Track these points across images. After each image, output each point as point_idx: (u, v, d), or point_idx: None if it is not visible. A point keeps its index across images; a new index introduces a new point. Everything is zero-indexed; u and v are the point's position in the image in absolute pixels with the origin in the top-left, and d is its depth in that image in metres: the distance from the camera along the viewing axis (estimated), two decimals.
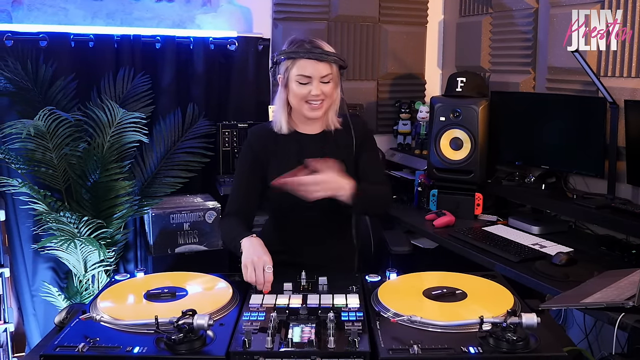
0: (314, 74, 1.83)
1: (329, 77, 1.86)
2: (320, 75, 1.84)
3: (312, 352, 1.17)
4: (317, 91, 1.84)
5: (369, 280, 1.55)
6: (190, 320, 1.22)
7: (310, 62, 1.83)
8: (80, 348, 1.21)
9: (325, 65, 1.84)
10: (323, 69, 1.84)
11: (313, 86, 1.84)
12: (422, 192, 3.10)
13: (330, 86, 1.87)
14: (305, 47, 1.84)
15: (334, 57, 1.87)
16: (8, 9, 2.92)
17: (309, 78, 1.84)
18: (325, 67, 1.84)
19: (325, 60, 1.84)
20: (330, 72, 1.85)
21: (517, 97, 2.95)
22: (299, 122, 1.97)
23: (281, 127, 1.95)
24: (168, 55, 3.06)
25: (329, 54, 1.86)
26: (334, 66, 1.87)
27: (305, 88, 1.84)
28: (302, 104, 1.87)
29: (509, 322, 1.18)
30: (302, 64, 1.84)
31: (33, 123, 2.54)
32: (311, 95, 1.84)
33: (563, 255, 2.19)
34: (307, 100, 1.86)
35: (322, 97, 1.86)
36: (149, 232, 2.92)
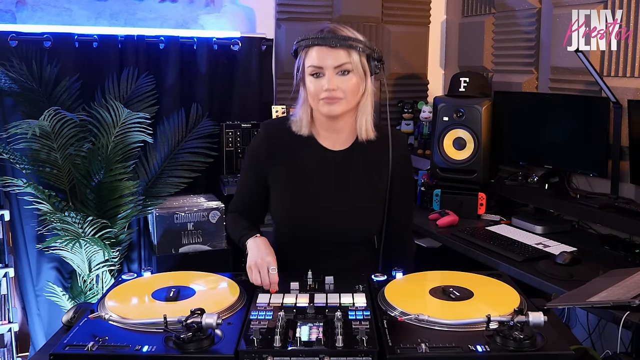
0: (325, 63, 1.54)
1: (348, 67, 1.55)
2: (333, 64, 1.54)
3: (321, 351, 1.17)
4: (330, 85, 1.55)
5: (375, 280, 1.56)
6: (198, 319, 1.22)
7: (320, 49, 1.55)
8: (89, 347, 1.21)
9: (340, 52, 1.54)
10: (337, 56, 1.54)
11: (326, 78, 1.55)
12: (426, 192, 3.11)
13: (350, 80, 1.56)
14: (317, 35, 1.56)
15: (352, 41, 1.55)
16: (12, 10, 2.93)
17: (320, 69, 1.56)
18: (340, 55, 1.54)
19: (338, 46, 1.54)
20: (348, 62, 1.55)
21: (520, 97, 2.96)
22: (322, 131, 1.69)
23: (301, 127, 1.68)
24: (172, 55, 3.07)
25: (345, 38, 1.54)
26: (355, 54, 1.55)
27: (319, 82, 1.57)
28: (316, 101, 1.60)
29: (516, 321, 1.18)
30: (312, 53, 1.57)
31: (38, 123, 2.55)
32: (324, 90, 1.56)
33: (567, 254, 2.19)
34: (321, 97, 1.58)
35: (340, 95, 1.57)
36: (153, 232, 2.93)
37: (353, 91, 1.59)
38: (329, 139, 1.70)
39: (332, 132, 1.69)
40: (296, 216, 1.71)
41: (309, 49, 1.58)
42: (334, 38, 1.54)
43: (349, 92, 1.58)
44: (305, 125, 1.68)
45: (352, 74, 1.57)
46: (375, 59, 1.61)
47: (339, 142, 1.71)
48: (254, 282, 1.52)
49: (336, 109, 1.59)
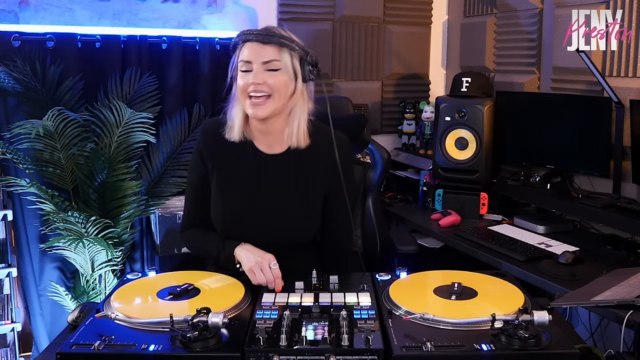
0: (254, 57, 1.54)
1: (276, 65, 1.54)
2: (262, 59, 1.53)
3: (326, 350, 1.18)
4: (257, 79, 1.53)
5: (379, 279, 1.56)
6: (205, 318, 1.23)
7: (253, 44, 1.54)
8: (96, 346, 1.22)
9: (270, 48, 1.54)
10: (267, 53, 1.54)
11: (254, 73, 1.54)
12: (427, 192, 3.11)
13: (279, 78, 1.55)
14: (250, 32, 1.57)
15: (283, 39, 1.54)
16: (15, 10, 2.94)
17: (249, 64, 1.54)
18: (270, 51, 1.54)
19: (269, 43, 1.53)
20: (277, 59, 1.54)
21: (522, 97, 2.97)
22: (256, 131, 1.67)
23: (233, 133, 1.64)
24: (174, 55, 3.07)
25: (276, 35, 1.54)
26: (286, 54, 1.55)
27: (247, 77, 1.55)
28: (244, 97, 1.57)
29: (520, 320, 1.19)
30: (244, 49, 1.56)
31: (42, 123, 2.56)
32: (251, 85, 1.54)
33: (569, 254, 2.20)
34: (249, 94, 1.56)
35: (267, 90, 1.55)
36: (156, 232, 2.94)
37: (280, 89, 1.57)
38: (264, 142, 1.69)
39: (266, 135, 1.68)
40: (229, 219, 1.70)
41: (242, 44, 1.58)
42: (267, 35, 1.54)
43: (276, 89, 1.56)
44: (238, 131, 1.65)
45: (280, 72, 1.56)
46: (309, 63, 1.59)
47: (274, 145, 1.69)
48: (259, 282, 1.53)
49: (260, 112, 1.57)
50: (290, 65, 1.57)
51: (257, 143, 1.70)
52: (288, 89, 1.59)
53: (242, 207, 1.69)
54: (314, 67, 1.60)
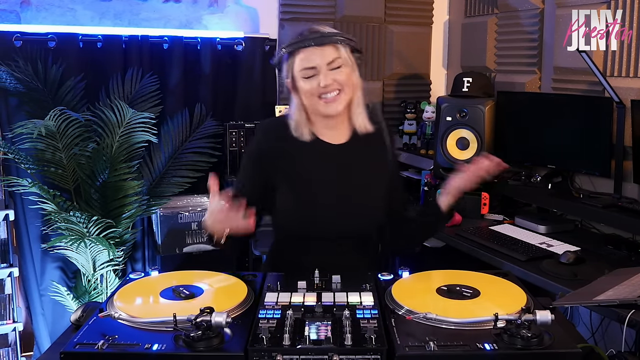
0: (318, 62, 1.57)
1: (339, 62, 1.58)
2: (325, 61, 1.57)
3: (330, 349, 1.18)
4: (327, 80, 1.57)
5: (381, 279, 1.56)
6: (208, 317, 1.23)
7: (310, 49, 1.57)
8: (99, 345, 1.21)
9: (329, 48, 1.57)
10: (328, 53, 1.57)
11: (321, 76, 1.57)
12: (429, 192, 3.11)
13: (343, 72, 1.59)
14: (301, 37, 1.59)
15: (338, 37, 1.59)
16: (17, 10, 2.94)
17: (314, 69, 1.58)
18: (330, 51, 1.57)
19: (326, 43, 1.57)
20: (338, 56, 1.58)
21: (523, 97, 2.97)
22: (321, 127, 1.70)
23: (302, 134, 1.68)
24: (175, 55, 3.08)
25: (331, 35, 1.58)
26: (342, 48, 1.59)
27: (313, 81, 1.58)
28: (314, 100, 1.60)
29: (523, 319, 1.19)
30: (302, 56, 1.58)
31: (44, 123, 2.57)
32: (321, 87, 1.57)
33: (570, 254, 2.20)
34: (319, 95, 1.59)
35: (337, 87, 1.59)
36: (157, 231, 2.94)
37: (347, 82, 1.61)
38: (328, 135, 1.71)
39: (331, 129, 1.70)
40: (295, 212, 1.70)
41: (295, 53, 1.60)
42: (320, 36, 1.57)
43: (345, 84, 1.60)
44: (306, 132, 1.68)
45: (343, 67, 1.60)
46: (357, 50, 1.64)
47: (337, 136, 1.71)
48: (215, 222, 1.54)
49: (337, 107, 1.61)
50: (348, 58, 1.61)
51: (321, 137, 1.71)
52: (353, 80, 1.63)
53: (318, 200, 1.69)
54: (360, 53, 1.66)
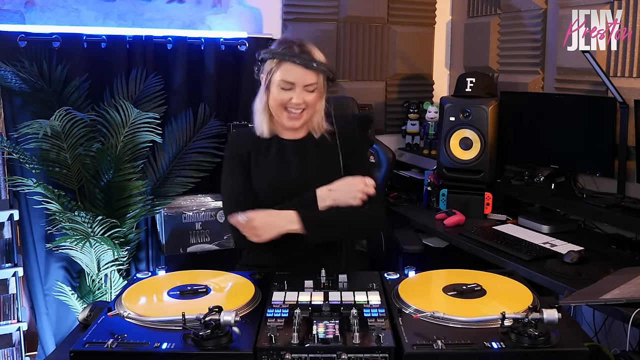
0: (297, 80, 1.71)
1: (314, 87, 1.74)
2: (304, 83, 1.72)
3: (338, 348, 1.19)
4: (298, 99, 1.72)
5: (387, 278, 1.58)
6: (217, 316, 1.24)
7: (295, 67, 1.71)
8: (109, 344, 1.23)
9: (311, 73, 1.72)
10: (309, 77, 1.72)
11: (295, 93, 1.72)
12: (432, 192, 3.12)
13: (313, 96, 1.76)
14: (294, 51, 1.71)
15: (323, 67, 1.74)
16: (21, 10, 2.95)
17: (292, 84, 1.72)
18: (311, 76, 1.72)
19: (312, 69, 1.72)
20: (316, 82, 1.74)
21: (526, 98, 2.98)
22: (281, 127, 1.85)
23: (263, 131, 1.84)
24: (179, 55, 3.08)
25: (318, 63, 1.72)
26: (321, 76, 1.75)
27: (287, 94, 1.73)
28: (281, 110, 1.76)
29: (530, 318, 1.20)
30: (286, 68, 1.71)
31: (49, 123, 2.57)
32: (291, 102, 1.73)
33: (574, 253, 2.21)
34: (286, 107, 1.75)
35: (303, 106, 1.75)
36: (161, 231, 2.95)
37: (314, 104, 1.78)
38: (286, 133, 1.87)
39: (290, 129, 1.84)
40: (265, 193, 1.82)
41: (283, 62, 1.72)
42: (312, 61, 1.72)
43: (311, 105, 1.77)
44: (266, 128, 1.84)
45: (316, 92, 1.76)
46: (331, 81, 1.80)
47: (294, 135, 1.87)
48: None
49: (296, 123, 1.78)
50: (322, 85, 1.78)
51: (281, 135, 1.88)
52: (318, 102, 1.81)
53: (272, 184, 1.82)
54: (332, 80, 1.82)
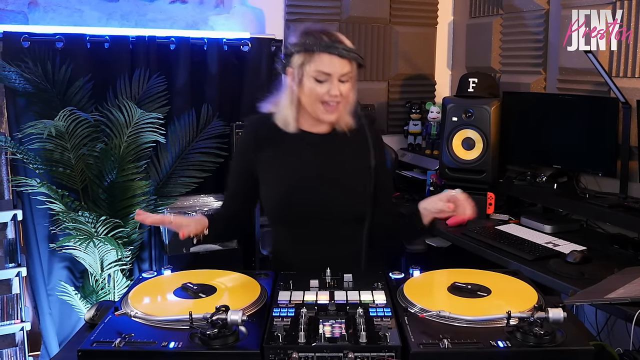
0: (334, 70, 1.65)
1: (348, 76, 1.68)
2: (341, 73, 1.66)
3: (345, 347, 1.19)
4: (336, 91, 1.66)
5: (392, 278, 1.58)
6: (224, 316, 1.24)
7: (330, 57, 1.64)
8: (116, 343, 1.23)
9: (346, 62, 1.66)
10: (344, 66, 1.66)
11: (332, 85, 1.66)
12: (434, 192, 3.13)
13: (348, 86, 1.69)
14: (325, 41, 1.65)
15: (356, 54, 1.68)
16: (24, 11, 2.96)
17: (328, 75, 1.66)
18: (346, 65, 1.66)
19: (347, 57, 1.66)
20: (350, 71, 1.68)
21: (529, 98, 2.98)
22: (306, 121, 1.79)
23: (288, 125, 1.76)
24: (182, 56, 3.10)
25: (352, 51, 1.67)
26: (354, 64, 1.69)
27: (323, 87, 1.67)
28: (316, 104, 1.69)
29: (535, 317, 1.20)
30: (321, 59, 1.65)
31: (54, 123, 2.58)
32: (329, 95, 1.67)
33: (577, 253, 2.21)
34: (323, 101, 1.68)
35: (340, 99, 1.69)
36: (164, 231, 2.96)
37: (349, 95, 1.72)
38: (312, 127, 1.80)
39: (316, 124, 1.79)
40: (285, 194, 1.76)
41: (316, 53, 1.66)
42: (345, 49, 1.65)
43: (346, 96, 1.71)
44: (293, 123, 1.75)
45: (350, 81, 1.70)
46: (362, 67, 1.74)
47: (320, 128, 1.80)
48: None
49: (334, 117, 1.72)
50: (355, 74, 1.71)
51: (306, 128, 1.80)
52: (351, 94, 1.74)
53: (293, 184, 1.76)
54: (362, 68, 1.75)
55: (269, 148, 1.78)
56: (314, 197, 1.75)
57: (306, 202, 1.75)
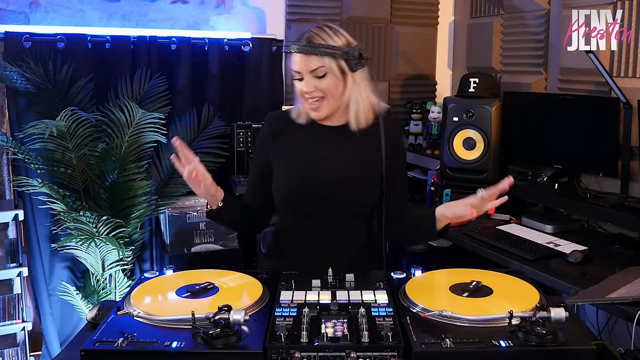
0: (300, 68, 1.67)
1: (322, 71, 1.66)
2: (308, 69, 1.66)
3: (347, 346, 1.19)
4: (308, 87, 1.67)
5: (394, 277, 1.58)
6: (226, 315, 1.24)
7: (295, 55, 1.67)
8: (119, 343, 1.23)
9: (313, 58, 1.65)
10: (311, 62, 1.65)
11: (304, 82, 1.68)
12: (435, 192, 3.13)
13: (327, 82, 1.67)
14: (300, 40, 1.68)
15: (323, 49, 1.64)
16: (26, 11, 2.96)
17: (299, 73, 1.68)
18: (313, 60, 1.65)
19: (310, 54, 1.65)
20: (322, 65, 1.65)
21: (530, 98, 2.98)
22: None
23: (300, 116, 1.79)
24: (183, 56, 3.10)
25: (316, 46, 1.64)
26: (331, 59, 1.65)
27: (299, 84, 1.70)
28: (302, 101, 1.73)
29: (538, 317, 1.21)
30: (292, 58, 1.69)
31: (55, 123, 2.58)
32: (305, 92, 1.69)
33: (578, 253, 2.21)
34: (303, 97, 1.72)
35: (320, 94, 1.68)
36: (165, 231, 2.96)
37: (330, 91, 1.69)
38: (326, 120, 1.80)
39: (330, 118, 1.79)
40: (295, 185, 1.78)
41: (290, 54, 1.70)
42: (307, 46, 1.65)
43: (327, 92, 1.68)
44: (304, 116, 1.78)
45: (328, 75, 1.67)
46: (354, 57, 1.68)
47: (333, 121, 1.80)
48: None
49: (321, 113, 1.72)
50: (335, 67, 1.67)
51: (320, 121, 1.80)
52: (338, 88, 1.70)
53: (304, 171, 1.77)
54: (359, 59, 1.70)
55: (284, 140, 1.81)
56: (324, 188, 1.76)
57: (316, 193, 1.76)
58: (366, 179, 1.79)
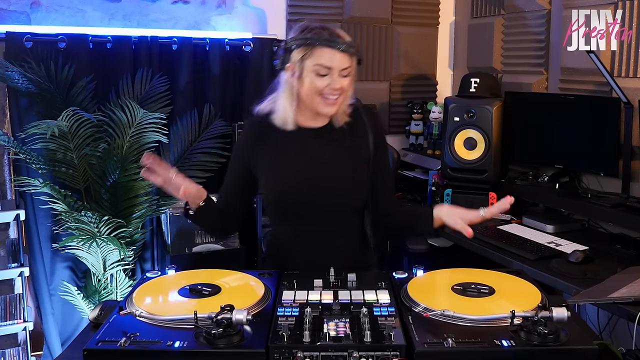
0: (334, 65, 1.67)
1: (348, 71, 1.70)
2: (341, 67, 1.68)
3: (349, 346, 1.20)
4: (337, 84, 1.68)
5: (396, 277, 1.58)
6: (229, 315, 1.25)
7: (331, 51, 1.67)
8: (122, 343, 1.23)
9: (346, 56, 1.68)
10: (344, 60, 1.68)
11: (333, 79, 1.68)
12: (436, 192, 3.13)
13: (348, 80, 1.72)
14: (325, 35, 1.68)
15: (355, 49, 1.71)
16: (27, 11, 2.96)
17: (329, 69, 1.68)
18: (346, 59, 1.69)
19: (347, 52, 1.68)
20: (350, 65, 1.70)
21: (531, 98, 2.99)
22: (303, 117, 1.80)
23: (286, 122, 1.77)
24: (185, 56, 3.10)
25: (351, 45, 1.70)
26: (354, 59, 1.72)
27: (323, 80, 1.68)
28: (316, 97, 1.71)
29: (540, 316, 1.21)
30: (321, 53, 1.67)
31: (57, 123, 2.58)
32: (329, 88, 1.69)
33: (579, 253, 2.22)
34: (322, 94, 1.70)
35: (340, 92, 1.71)
36: (167, 231, 2.96)
37: (349, 89, 1.74)
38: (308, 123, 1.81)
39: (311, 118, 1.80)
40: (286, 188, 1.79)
41: (317, 48, 1.67)
42: (344, 43, 1.68)
43: (347, 90, 1.73)
44: (291, 120, 1.77)
45: (349, 76, 1.72)
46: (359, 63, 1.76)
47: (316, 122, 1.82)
48: None
49: (333, 109, 1.74)
50: (355, 69, 1.74)
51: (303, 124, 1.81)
52: (351, 89, 1.76)
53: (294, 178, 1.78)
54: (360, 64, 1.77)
55: (267, 145, 1.80)
56: (313, 190, 1.77)
57: (305, 196, 1.77)
58: (356, 177, 1.80)
